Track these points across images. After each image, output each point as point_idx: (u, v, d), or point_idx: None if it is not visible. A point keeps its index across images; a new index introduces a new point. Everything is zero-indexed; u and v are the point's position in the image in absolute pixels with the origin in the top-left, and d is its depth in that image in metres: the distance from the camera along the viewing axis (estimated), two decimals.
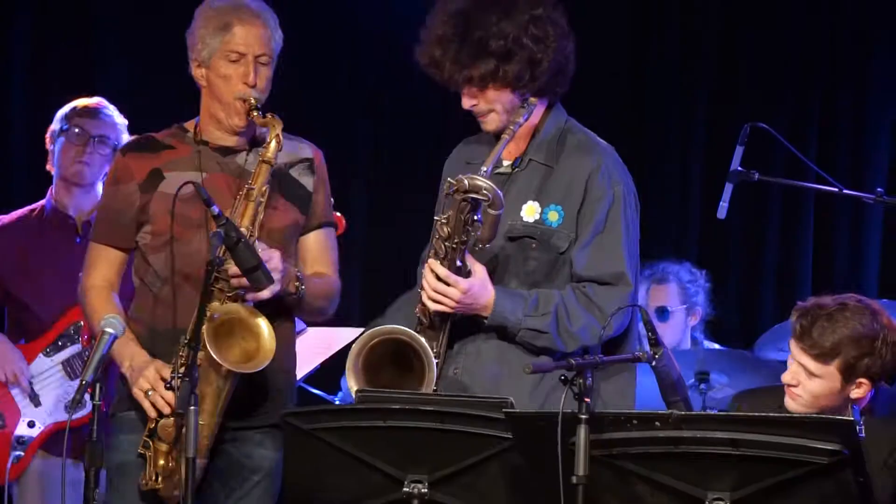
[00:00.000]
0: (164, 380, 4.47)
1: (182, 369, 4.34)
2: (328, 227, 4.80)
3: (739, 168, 5.41)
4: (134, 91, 7.11)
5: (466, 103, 4.56)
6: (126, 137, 5.81)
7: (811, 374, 4.35)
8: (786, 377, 4.41)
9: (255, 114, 4.56)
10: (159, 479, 4.49)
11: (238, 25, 4.58)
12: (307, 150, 4.77)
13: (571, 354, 4.40)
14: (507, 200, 4.53)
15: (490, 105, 4.53)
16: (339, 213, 5.36)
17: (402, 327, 4.47)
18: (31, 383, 5.75)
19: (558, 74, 4.54)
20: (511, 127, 4.51)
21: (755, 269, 7.40)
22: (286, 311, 4.66)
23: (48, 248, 5.79)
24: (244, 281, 4.44)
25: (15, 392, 5.74)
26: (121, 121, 5.88)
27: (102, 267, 4.69)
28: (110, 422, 4.68)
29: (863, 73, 7.36)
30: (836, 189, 5.49)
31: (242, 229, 4.47)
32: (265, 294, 4.48)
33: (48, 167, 5.93)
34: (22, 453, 5.70)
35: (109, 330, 4.31)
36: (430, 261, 4.47)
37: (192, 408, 4.17)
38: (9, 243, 5.85)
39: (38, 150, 5.98)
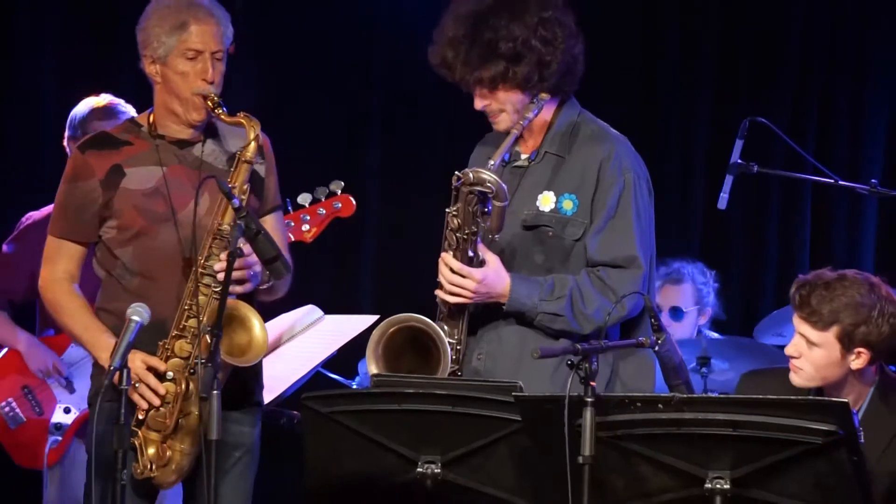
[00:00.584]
0: (152, 369, 4.46)
1: (202, 357, 4.35)
2: (279, 210, 4.79)
3: (739, 161, 5.44)
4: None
5: (478, 104, 4.58)
6: None
7: (811, 343, 4.34)
8: (788, 349, 4.40)
9: (221, 111, 4.55)
10: (153, 467, 4.48)
11: (194, 24, 4.57)
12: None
13: (588, 337, 4.44)
14: (524, 191, 4.57)
15: (501, 105, 4.56)
16: (348, 195, 5.35)
17: (419, 315, 4.51)
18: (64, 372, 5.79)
19: (567, 74, 4.56)
20: (520, 122, 4.53)
21: (755, 258, 7.41)
22: (250, 299, 4.62)
23: None
24: (239, 274, 4.43)
25: (50, 381, 5.78)
26: (134, 114, 5.87)
27: (63, 261, 4.65)
28: (90, 410, 4.62)
29: (859, 69, 7.37)
30: (832, 181, 5.51)
31: (224, 227, 4.48)
32: (249, 287, 4.49)
33: None
34: (60, 438, 5.74)
35: (136, 318, 4.32)
36: (444, 254, 4.50)
37: (214, 392, 4.20)
38: (39, 238, 5.86)
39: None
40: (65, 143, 5.93)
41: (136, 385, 4.43)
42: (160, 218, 4.57)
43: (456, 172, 4.48)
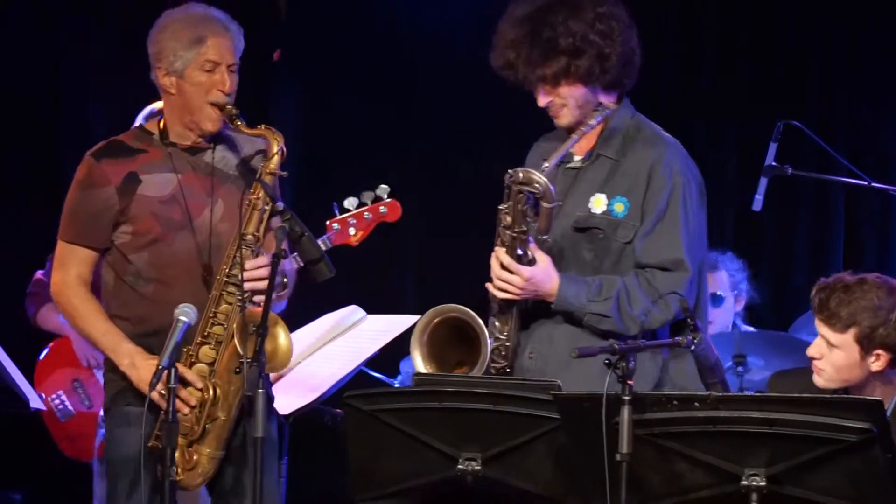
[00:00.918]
0: (181, 378, 4.44)
1: (247, 357, 4.36)
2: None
3: (773, 163, 5.43)
4: None
5: (542, 101, 4.61)
6: None
7: (831, 345, 4.34)
8: (810, 350, 4.41)
9: (239, 122, 4.57)
10: (179, 470, 4.47)
11: (212, 38, 4.60)
12: (261, 142, 4.71)
13: (635, 338, 4.44)
14: (577, 193, 4.58)
15: (563, 100, 4.57)
16: (395, 200, 5.36)
17: (461, 306, 4.53)
18: None
19: (626, 66, 4.58)
20: (582, 128, 4.55)
21: (788, 260, 7.39)
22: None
23: None
24: (257, 285, 4.45)
25: (99, 374, 5.81)
26: None
27: (75, 265, 4.65)
28: (105, 417, 4.66)
29: (891, 70, 7.34)
30: (865, 182, 5.50)
31: (249, 235, 4.51)
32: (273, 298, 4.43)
33: None
34: None
35: (183, 318, 4.35)
36: (497, 249, 4.52)
37: (260, 391, 4.20)
38: None
39: None
40: None
41: (163, 393, 4.38)
42: (176, 225, 4.60)
43: (508, 171, 4.49)
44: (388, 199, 5.01)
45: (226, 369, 4.49)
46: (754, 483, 3.86)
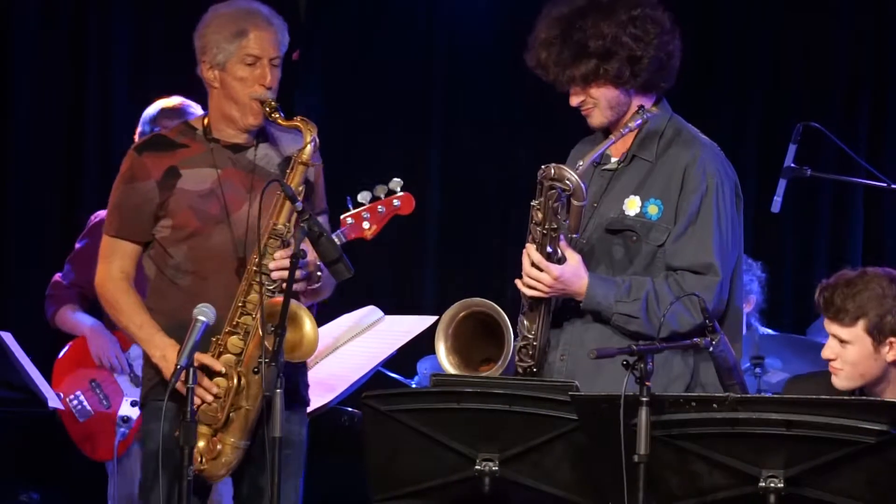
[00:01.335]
0: (205, 368, 4.48)
1: (266, 356, 4.37)
2: (324, 214, 4.79)
3: (793, 165, 5.41)
4: None
5: (574, 101, 4.60)
6: None
7: (843, 341, 4.34)
8: (824, 353, 4.40)
9: (278, 115, 4.58)
10: (203, 460, 4.50)
11: (254, 31, 4.60)
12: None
13: (666, 340, 4.37)
14: (611, 194, 4.56)
15: (595, 101, 4.56)
16: (408, 193, 5.35)
17: (487, 300, 4.52)
18: (131, 366, 5.83)
19: (660, 70, 4.55)
20: (622, 129, 4.52)
21: (807, 261, 7.37)
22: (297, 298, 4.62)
23: None
24: (285, 275, 4.43)
25: (117, 374, 5.82)
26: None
27: (118, 259, 4.67)
28: (142, 411, 4.69)
29: None
30: (885, 184, 5.48)
31: (280, 226, 4.51)
32: (300, 287, 4.48)
33: None
34: (126, 431, 5.78)
35: (202, 318, 4.33)
36: (528, 245, 4.50)
37: (278, 391, 4.19)
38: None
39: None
40: (135, 138, 5.98)
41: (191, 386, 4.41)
42: (214, 219, 4.60)
43: (542, 166, 4.48)
44: (402, 193, 5.00)
45: (252, 359, 4.49)
46: (772, 485, 3.85)
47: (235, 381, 4.52)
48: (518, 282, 4.52)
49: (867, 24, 7.33)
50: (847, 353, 4.35)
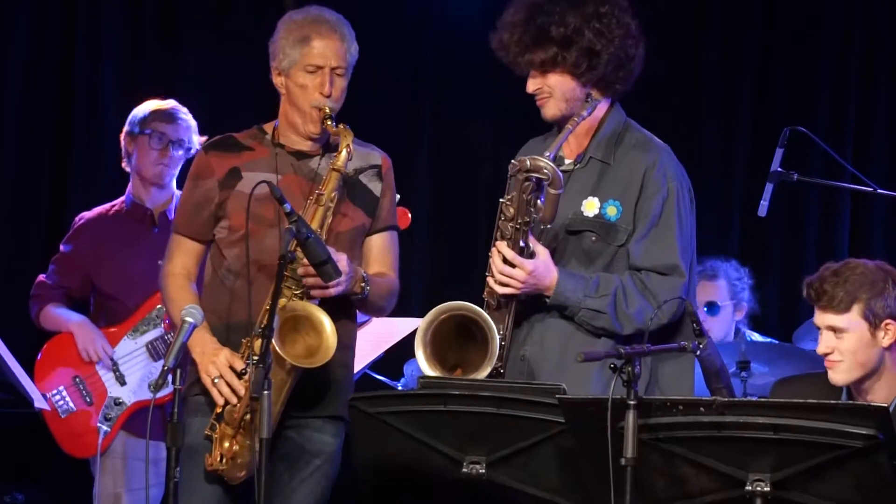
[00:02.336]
0: (233, 368, 4.52)
1: (255, 356, 4.38)
2: (392, 230, 4.83)
3: (779, 169, 5.40)
4: (214, 92, 7.19)
5: (530, 87, 4.61)
6: (196, 139, 5.86)
7: (839, 330, 4.35)
8: (820, 349, 4.40)
9: (329, 122, 4.61)
10: (224, 460, 4.53)
11: (317, 39, 4.62)
12: (377, 156, 4.80)
13: (630, 339, 4.42)
14: (568, 195, 4.56)
15: (550, 90, 4.57)
16: (404, 208, 5.35)
17: (469, 304, 4.51)
18: (116, 364, 5.80)
19: (618, 69, 4.57)
20: (575, 118, 4.54)
21: (794, 265, 7.36)
22: (348, 310, 4.69)
23: (129, 240, 5.85)
24: (312, 280, 4.47)
25: (102, 372, 5.81)
26: (193, 123, 5.91)
27: (181, 256, 4.74)
28: (183, 404, 4.71)
29: None
30: (871, 189, 5.47)
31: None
32: (332, 292, 4.51)
33: (123, 165, 5.97)
34: (109, 429, 5.76)
35: (189, 319, 4.34)
36: (498, 243, 4.50)
37: (265, 392, 4.18)
38: (94, 237, 5.92)
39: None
40: (122, 136, 5.97)
41: (216, 381, 4.52)
42: (267, 223, 4.62)
43: (512, 161, 4.48)
44: (398, 207, 4.99)
45: (272, 364, 4.44)
46: (759, 488, 3.84)
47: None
48: (490, 280, 4.50)
49: (854, 28, 7.32)
50: (844, 342, 4.35)
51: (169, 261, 4.76)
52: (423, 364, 4.49)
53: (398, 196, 4.91)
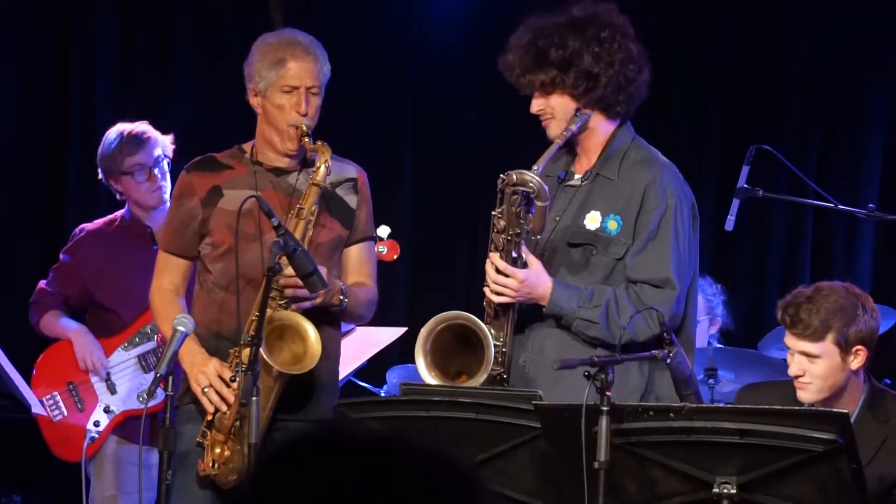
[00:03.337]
0: (222, 377, 4.56)
1: (244, 364, 4.41)
2: (369, 240, 4.87)
3: (746, 185, 5.44)
4: (201, 113, 7.19)
5: (534, 107, 4.65)
6: (165, 139, 5.85)
7: (813, 356, 4.35)
8: (792, 370, 4.40)
9: (306, 140, 4.65)
10: (216, 466, 4.55)
11: (292, 61, 4.67)
12: (352, 170, 4.85)
13: (626, 348, 4.42)
14: (573, 209, 4.60)
15: (553, 111, 4.62)
16: (394, 240, 5.38)
17: (466, 313, 4.53)
18: (108, 373, 5.82)
19: (618, 92, 4.59)
20: (564, 133, 4.58)
21: (760, 277, 7.42)
22: (331, 318, 4.73)
23: (127, 254, 5.82)
24: (296, 291, 4.51)
25: (94, 380, 5.82)
26: (160, 136, 5.84)
27: (168, 273, 4.80)
28: (176, 412, 4.74)
29: (858, 102, 7.39)
30: (832, 205, 5.52)
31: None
32: (309, 305, 4.55)
33: (117, 195, 5.93)
34: (97, 435, 5.77)
35: (181, 328, 4.37)
36: (491, 254, 4.53)
37: (254, 398, 4.23)
38: (92, 250, 5.91)
39: None
40: (102, 177, 5.88)
41: (206, 390, 4.56)
42: (249, 238, 4.66)
43: (501, 175, 4.52)
44: (388, 240, 5.04)
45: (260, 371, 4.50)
46: (725, 490, 3.88)
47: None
48: (486, 289, 4.55)
49: (819, 53, 7.39)
50: (816, 367, 4.35)
51: (157, 277, 4.81)
52: (424, 372, 4.50)
53: (388, 230, 4.95)
